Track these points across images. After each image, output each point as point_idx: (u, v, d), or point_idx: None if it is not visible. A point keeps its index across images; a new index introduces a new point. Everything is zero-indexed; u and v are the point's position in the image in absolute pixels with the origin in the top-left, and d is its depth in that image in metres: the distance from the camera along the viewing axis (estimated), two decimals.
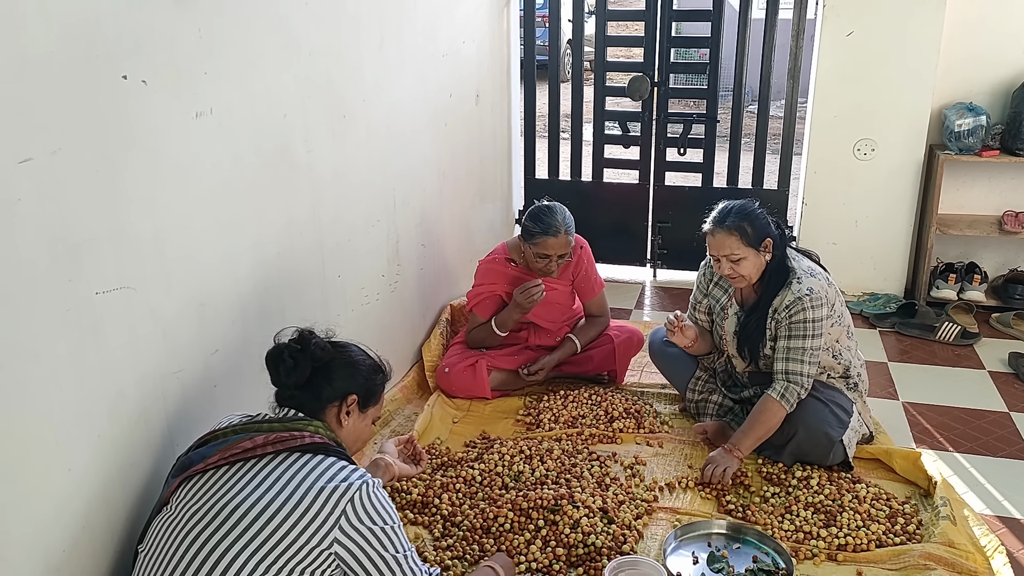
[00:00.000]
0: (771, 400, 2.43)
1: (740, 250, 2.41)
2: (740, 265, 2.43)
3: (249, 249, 2.00)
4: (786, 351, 2.43)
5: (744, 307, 2.58)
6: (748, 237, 2.41)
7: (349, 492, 1.50)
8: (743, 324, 2.55)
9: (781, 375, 2.44)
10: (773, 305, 2.47)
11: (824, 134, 3.95)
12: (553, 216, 2.83)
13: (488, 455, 2.56)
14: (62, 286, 1.41)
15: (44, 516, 1.41)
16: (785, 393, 2.41)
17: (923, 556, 2.06)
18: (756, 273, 2.47)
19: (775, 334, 2.48)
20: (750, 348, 2.54)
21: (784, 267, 2.48)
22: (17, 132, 1.29)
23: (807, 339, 2.41)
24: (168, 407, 1.73)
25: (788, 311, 2.42)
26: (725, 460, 2.42)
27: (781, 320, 2.45)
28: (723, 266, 2.45)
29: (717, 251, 2.45)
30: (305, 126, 2.21)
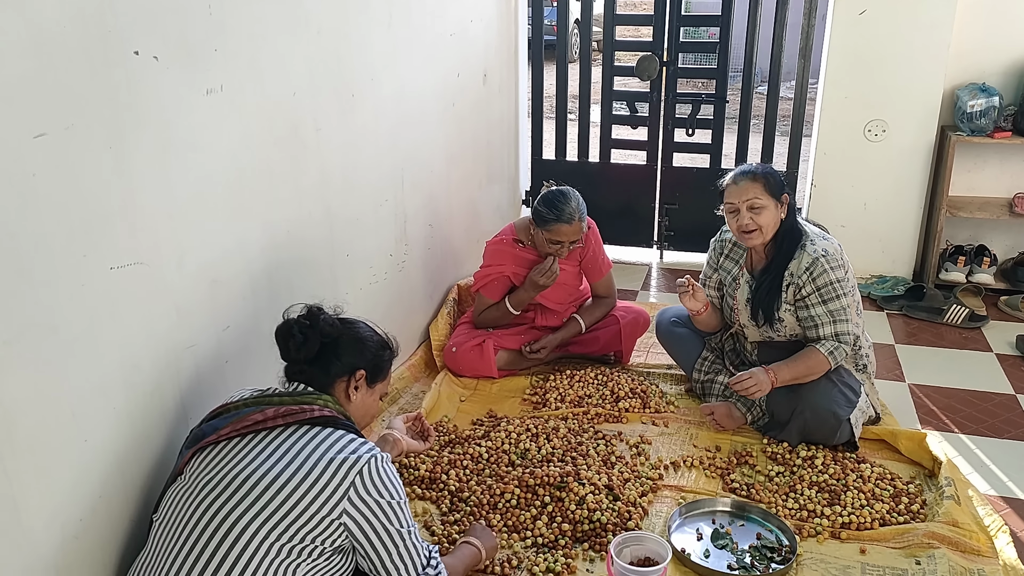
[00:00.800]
0: (819, 353, 2.45)
1: (763, 198, 2.43)
2: (760, 215, 2.44)
3: (259, 226, 2.01)
4: (829, 315, 2.44)
5: (755, 274, 2.59)
6: (771, 186, 2.44)
7: (358, 465, 1.52)
8: (757, 285, 2.56)
9: (831, 337, 2.45)
10: (789, 269, 2.48)
11: (835, 115, 3.93)
12: (567, 203, 2.83)
13: (495, 433, 2.58)
14: (77, 261, 1.43)
15: (62, 486, 1.44)
16: (834, 351, 2.44)
17: (927, 535, 2.08)
18: (772, 228, 2.47)
19: (799, 301, 2.49)
20: (764, 309, 2.53)
21: (796, 231, 2.50)
22: (31, 107, 1.31)
23: (841, 298, 2.43)
24: (181, 381, 1.76)
25: (809, 273, 2.43)
26: (761, 378, 2.44)
27: (803, 284, 2.45)
28: (742, 216, 2.45)
29: (739, 197, 2.45)
30: (314, 104, 2.22)
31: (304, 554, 1.48)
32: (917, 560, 2.03)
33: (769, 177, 2.45)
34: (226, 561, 1.42)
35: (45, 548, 1.41)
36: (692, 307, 2.65)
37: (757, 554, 2.07)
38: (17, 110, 1.28)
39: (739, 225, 2.47)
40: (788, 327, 2.53)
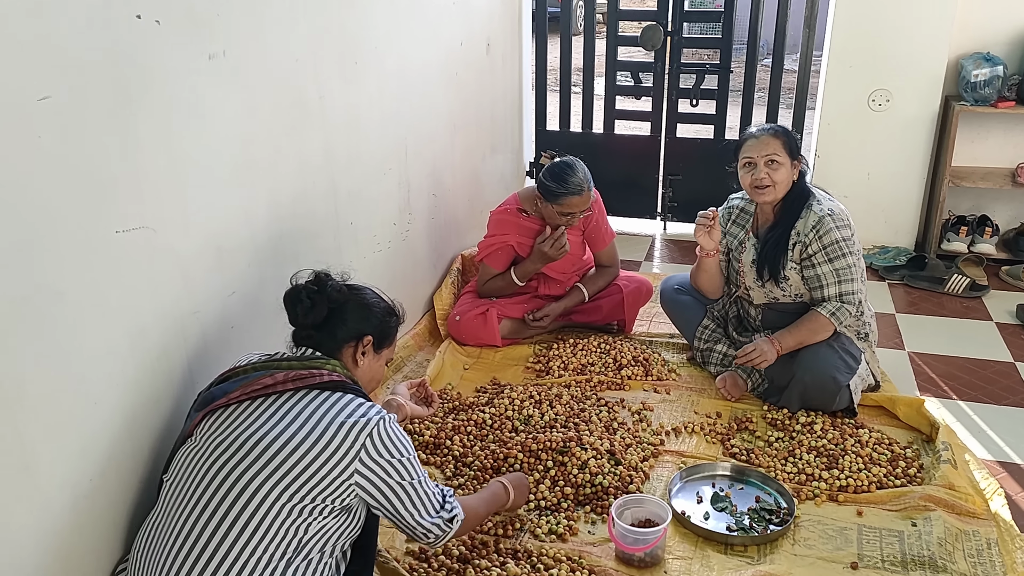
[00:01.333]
0: (821, 315, 2.48)
1: (781, 155, 2.46)
2: (776, 171, 2.46)
3: (264, 193, 2.03)
4: (835, 274, 2.47)
5: (761, 235, 2.62)
6: (789, 146, 2.48)
7: (368, 427, 1.55)
8: (763, 242, 2.58)
9: (834, 298, 2.48)
10: (795, 228, 2.50)
11: (839, 85, 3.91)
12: (575, 174, 2.84)
13: (498, 400, 2.62)
14: (84, 224, 1.44)
15: (72, 448, 1.47)
16: (836, 312, 2.47)
17: (923, 498, 2.11)
18: (784, 187, 2.50)
19: (805, 260, 2.51)
20: (770, 266, 2.55)
21: (804, 192, 2.53)
22: (35, 69, 1.31)
23: (846, 256, 2.46)
24: (188, 346, 1.78)
25: (816, 232, 2.45)
26: (765, 348, 2.48)
27: (810, 243, 2.47)
28: (759, 171, 2.47)
29: (759, 152, 2.47)
30: (317, 72, 2.22)
31: (315, 513, 1.50)
32: (913, 522, 2.06)
33: (789, 136, 2.50)
34: (239, 520, 1.45)
35: (57, 508, 1.44)
36: (706, 245, 2.63)
37: (756, 516, 2.10)
38: (21, 72, 1.28)
39: (754, 179, 2.49)
40: (793, 287, 2.55)
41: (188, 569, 1.42)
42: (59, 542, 1.45)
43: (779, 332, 2.52)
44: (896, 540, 2.01)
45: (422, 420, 2.45)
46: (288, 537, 1.47)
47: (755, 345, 2.50)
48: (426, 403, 2.25)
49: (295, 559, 1.48)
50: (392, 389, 2.19)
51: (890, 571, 1.92)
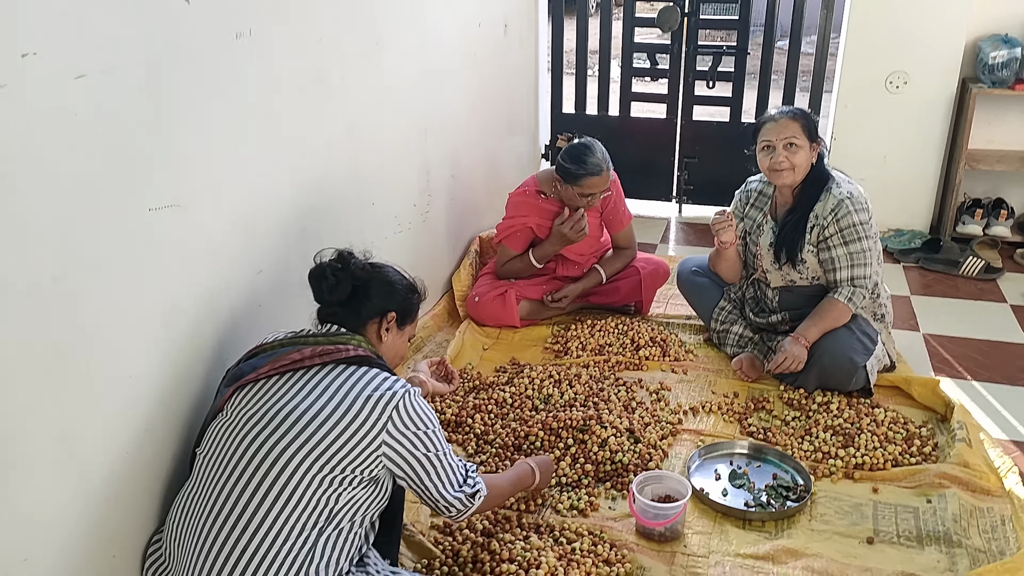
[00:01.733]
0: (838, 301, 2.50)
1: (799, 138, 2.47)
2: (795, 154, 2.48)
3: (288, 173, 2.05)
4: (848, 258, 2.49)
5: (779, 218, 2.63)
6: (808, 129, 2.49)
7: (394, 400, 1.59)
8: (781, 225, 2.60)
9: (847, 282, 2.50)
10: (814, 211, 2.52)
11: (856, 66, 3.90)
12: (593, 154, 2.85)
13: (518, 379, 2.65)
14: (119, 201, 1.47)
15: (110, 419, 1.51)
16: (852, 297, 2.49)
17: (938, 475, 2.13)
18: (803, 170, 2.51)
19: (822, 242, 2.52)
20: (788, 249, 2.57)
21: (823, 175, 2.54)
22: (72, 47, 1.34)
23: (862, 240, 2.47)
24: (218, 322, 1.81)
25: (834, 215, 2.47)
26: (796, 350, 2.49)
27: (827, 225, 2.49)
28: (777, 153, 2.48)
29: (778, 135, 2.48)
30: (340, 52, 2.24)
31: (344, 484, 1.54)
32: (928, 499, 2.09)
33: (808, 119, 2.51)
34: (272, 490, 1.49)
35: (95, 477, 1.48)
36: (726, 239, 2.65)
37: (773, 492, 2.13)
38: (58, 50, 1.31)
39: (772, 162, 2.50)
40: (811, 270, 2.57)
41: (224, 538, 1.47)
42: (97, 512, 1.49)
43: (801, 326, 2.54)
44: (911, 516, 2.04)
45: (443, 397, 2.48)
46: (319, 507, 1.51)
47: (784, 353, 2.52)
48: (447, 380, 2.28)
49: (326, 528, 1.52)
50: (413, 367, 2.23)
51: (905, 546, 1.95)
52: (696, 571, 1.89)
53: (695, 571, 1.89)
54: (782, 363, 2.52)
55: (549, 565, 1.83)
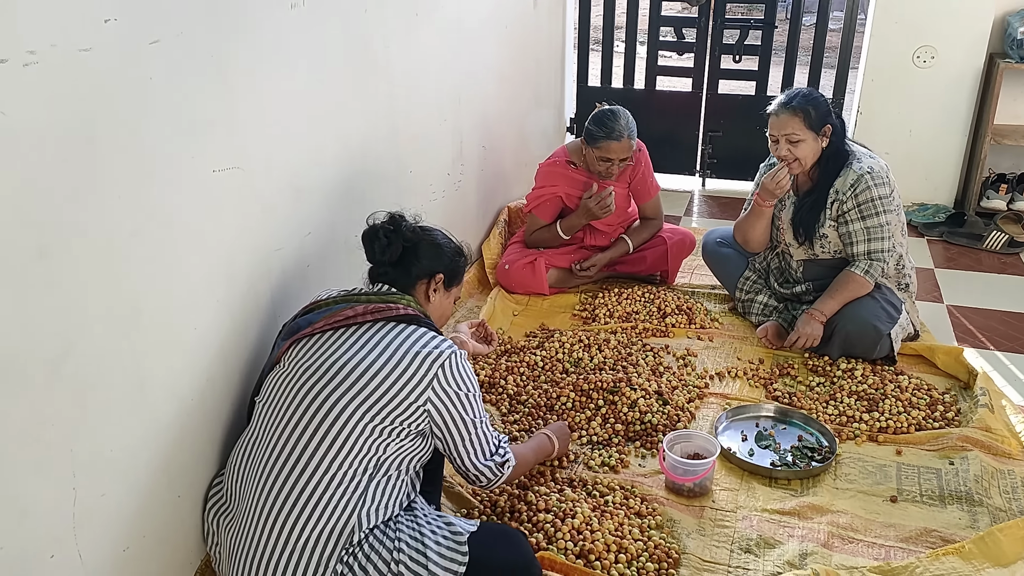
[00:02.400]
0: (855, 274, 2.56)
1: (801, 132, 2.51)
2: (798, 147, 2.52)
3: (334, 139, 2.13)
4: (865, 232, 2.54)
5: (799, 195, 2.68)
6: (810, 120, 2.51)
7: (441, 358, 1.66)
8: (799, 204, 2.65)
9: (863, 256, 2.55)
10: (835, 187, 2.56)
11: (884, 40, 3.92)
12: (616, 120, 2.91)
13: (548, 343, 2.73)
14: (187, 162, 1.55)
15: (176, 367, 1.60)
16: (869, 269, 2.55)
17: (960, 439, 2.20)
18: (811, 158, 2.56)
19: (840, 217, 2.57)
20: (805, 228, 2.63)
21: (842, 152, 2.58)
22: (147, 14, 1.41)
23: (880, 215, 2.52)
24: (271, 280, 1.90)
25: (853, 190, 2.52)
26: (811, 328, 2.56)
27: (846, 200, 2.54)
28: (781, 147, 2.54)
29: (778, 131, 2.53)
30: (383, 21, 2.30)
31: (393, 435, 1.62)
32: (950, 461, 2.16)
33: (810, 110, 2.51)
34: (327, 437, 1.57)
35: (165, 420, 1.57)
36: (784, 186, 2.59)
37: (798, 453, 2.21)
38: (135, 16, 1.38)
39: (778, 155, 2.58)
40: (832, 243, 2.63)
41: (283, 482, 1.56)
42: (165, 453, 1.58)
43: (818, 301, 2.61)
44: (934, 477, 2.11)
45: (484, 357, 2.56)
46: (369, 454, 1.59)
47: (797, 332, 2.59)
48: (486, 341, 2.36)
49: (376, 474, 1.60)
50: (453, 328, 2.31)
51: (928, 505, 2.02)
52: (724, 524, 1.97)
53: (723, 524, 1.97)
54: (795, 342, 2.59)
55: (584, 515, 1.92)
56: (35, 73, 1.18)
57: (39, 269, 1.22)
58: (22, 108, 1.17)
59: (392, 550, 1.54)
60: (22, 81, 1.16)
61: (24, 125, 1.18)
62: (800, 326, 2.59)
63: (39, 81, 1.19)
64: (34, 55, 1.18)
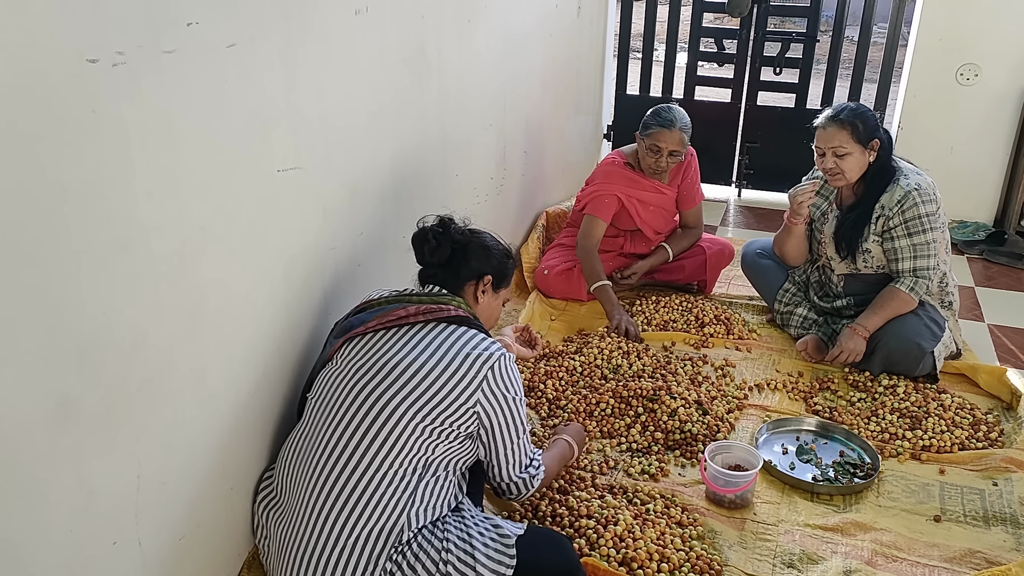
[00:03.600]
0: (900, 291, 2.55)
1: (848, 145, 2.51)
2: (844, 160, 2.52)
3: (389, 141, 2.16)
4: (912, 249, 2.53)
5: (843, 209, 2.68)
6: (858, 134, 2.51)
7: (491, 360, 1.68)
8: (842, 219, 2.65)
9: (909, 273, 2.55)
10: (880, 202, 2.56)
11: (927, 57, 3.90)
12: (672, 112, 2.97)
13: (587, 349, 2.74)
14: (255, 161, 1.59)
15: (236, 359, 1.63)
16: (915, 287, 2.54)
17: (1004, 460, 2.19)
18: (857, 172, 2.55)
19: (885, 232, 2.57)
20: (847, 242, 2.63)
21: (888, 168, 2.58)
22: (226, 18, 1.45)
23: (927, 232, 2.52)
24: (324, 278, 1.93)
25: (900, 206, 2.51)
26: (854, 344, 2.56)
27: (892, 216, 2.53)
28: (827, 160, 2.54)
29: (825, 143, 2.53)
30: (438, 27, 2.34)
31: (442, 436, 1.64)
32: (994, 482, 2.15)
33: (858, 124, 2.51)
34: (377, 438, 1.60)
35: (223, 412, 1.61)
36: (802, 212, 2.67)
37: (840, 469, 2.20)
38: (215, 20, 1.42)
39: (824, 168, 2.57)
40: (875, 259, 2.62)
41: (335, 479, 1.58)
42: (221, 443, 1.62)
43: (862, 316, 2.60)
44: (978, 497, 2.10)
45: (527, 360, 2.58)
46: (419, 454, 1.61)
47: (840, 347, 2.59)
48: (530, 346, 2.37)
49: (425, 475, 1.62)
50: (499, 331, 2.33)
51: (972, 525, 2.01)
52: (766, 538, 1.97)
53: (765, 538, 1.97)
54: (838, 356, 2.58)
55: (626, 523, 1.93)
56: (122, 72, 1.22)
57: (121, 261, 1.26)
58: (110, 107, 1.20)
59: (440, 550, 1.56)
60: (110, 80, 1.20)
61: (112, 124, 1.21)
62: (843, 340, 2.59)
63: (126, 80, 1.23)
64: (122, 55, 1.22)
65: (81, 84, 1.15)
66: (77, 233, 1.17)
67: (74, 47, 1.13)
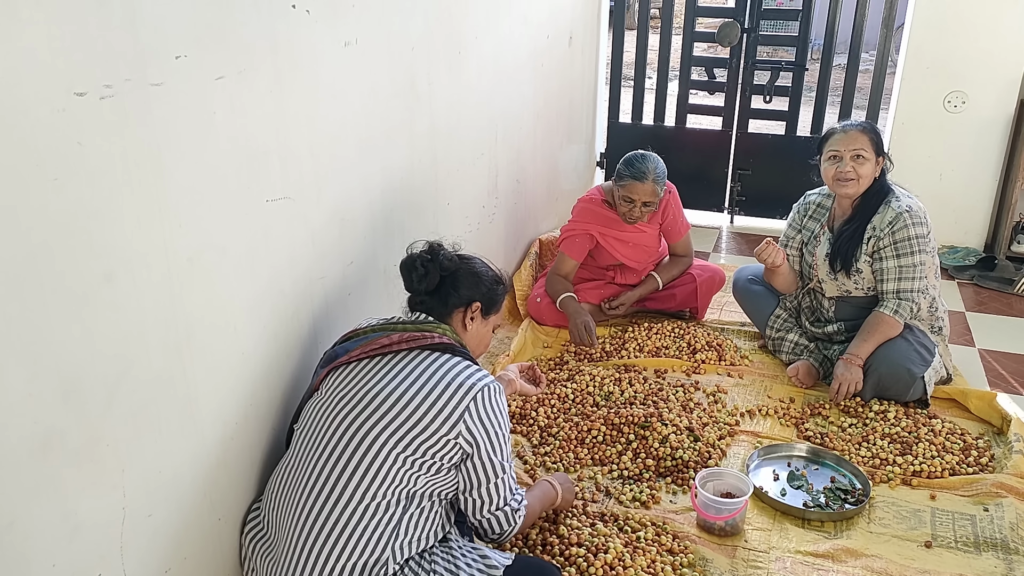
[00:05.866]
0: (885, 315, 2.57)
1: (867, 151, 2.56)
2: (861, 166, 2.56)
3: (379, 171, 2.18)
4: (897, 271, 2.56)
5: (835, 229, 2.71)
6: (876, 143, 2.58)
7: (474, 391, 1.67)
8: (838, 235, 2.67)
9: (892, 294, 2.57)
10: (872, 223, 2.59)
11: (915, 85, 3.95)
12: (645, 163, 2.95)
13: (579, 376, 2.74)
14: (243, 192, 1.60)
15: (223, 391, 1.63)
16: (898, 309, 2.56)
17: (995, 485, 2.18)
18: (867, 182, 2.59)
19: (875, 253, 2.60)
20: (843, 258, 2.65)
21: (885, 187, 2.62)
22: (213, 51, 1.47)
23: (915, 255, 2.54)
24: (314, 308, 1.94)
25: (891, 227, 2.54)
26: (850, 374, 2.57)
27: (883, 237, 2.56)
28: (844, 163, 2.57)
29: (846, 146, 2.56)
30: (428, 59, 2.37)
31: (424, 468, 1.63)
32: (985, 507, 2.14)
33: (876, 134, 2.59)
34: (359, 469, 1.59)
35: (210, 442, 1.61)
36: (777, 260, 2.73)
37: (831, 495, 2.20)
38: (203, 53, 1.44)
39: (839, 172, 2.58)
40: (866, 280, 2.64)
41: (318, 512, 1.57)
42: (208, 476, 1.61)
43: (852, 345, 2.61)
44: (969, 523, 2.10)
45: (530, 397, 2.55)
46: (402, 485, 1.60)
47: (838, 379, 2.59)
48: (534, 383, 2.36)
49: (409, 507, 1.61)
50: (504, 368, 2.31)
51: (963, 551, 2.01)
52: (757, 565, 1.96)
53: (756, 565, 1.96)
54: (839, 389, 2.58)
55: (616, 551, 1.92)
56: (110, 105, 1.24)
57: (105, 293, 1.27)
58: (97, 138, 1.22)
59: None
60: (98, 113, 1.22)
61: (98, 155, 1.23)
62: (839, 373, 2.59)
63: (113, 113, 1.25)
64: (110, 88, 1.24)
65: (68, 117, 1.16)
66: (61, 265, 1.18)
67: (61, 80, 1.15)
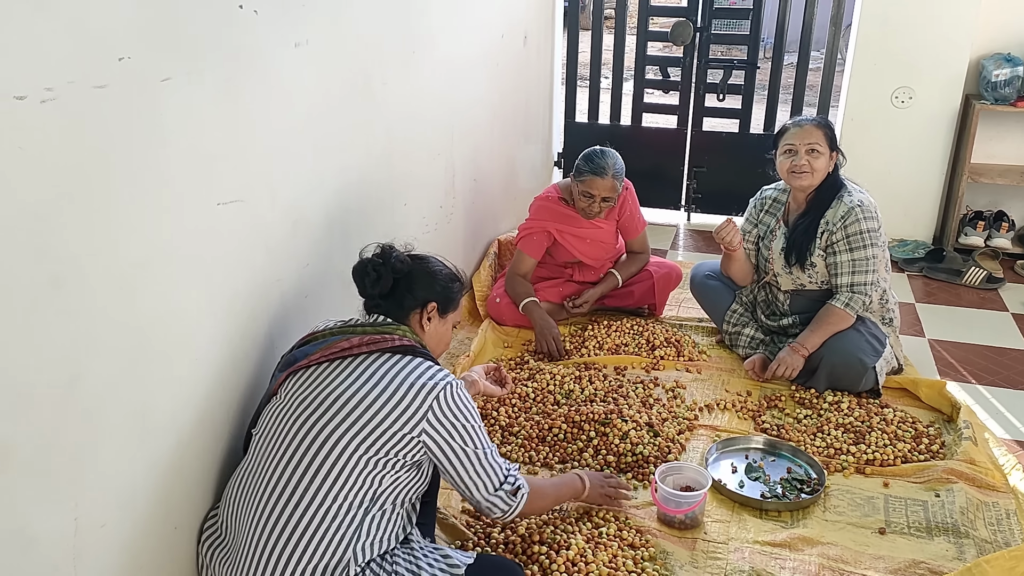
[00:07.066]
0: (836, 308, 2.63)
1: (822, 145, 2.62)
2: (816, 160, 2.62)
3: (335, 173, 2.16)
4: (850, 264, 2.62)
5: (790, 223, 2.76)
6: (830, 138, 2.64)
7: (435, 390, 1.67)
8: (792, 228, 2.73)
9: (845, 288, 2.63)
10: (826, 218, 2.65)
11: (863, 82, 4.03)
12: (604, 159, 2.97)
13: (540, 375, 2.75)
14: (194, 195, 1.58)
15: (177, 397, 1.60)
16: (850, 302, 2.61)
17: (946, 471, 2.24)
18: (821, 175, 2.65)
19: (829, 247, 2.65)
20: (798, 252, 2.70)
21: (838, 182, 2.69)
22: (159, 52, 1.45)
23: (866, 248, 2.60)
24: (270, 311, 1.92)
25: (843, 222, 2.60)
26: (791, 359, 2.63)
27: (835, 231, 2.62)
28: (799, 157, 2.62)
29: (801, 140, 2.62)
30: (382, 60, 2.36)
31: (387, 466, 1.63)
32: (936, 493, 2.20)
33: (829, 130, 2.66)
34: (321, 470, 1.58)
35: (164, 449, 1.58)
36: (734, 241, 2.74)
37: (788, 485, 2.24)
38: (148, 54, 1.41)
39: (794, 165, 2.63)
40: (819, 273, 2.70)
41: (277, 517, 1.56)
42: (163, 484, 1.58)
43: (802, 335, 2.68)
44: (921, 509, 2.15)
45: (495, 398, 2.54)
46: (364, 487, 1.60)
47: (778, 360, 2.65)
48: (500, 384, 2.35)
49: (371, 508, 1.61)
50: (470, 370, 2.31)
51: (916, 536, 2.06)
52: (716, 556, 1.99)
53: (716, 556, 1.99)
54: (775, 370, 2.65)
55: (578, 547, 1.93)
56: (52, 109, 1.21)
57: (53, 298, 1.24)
58: (39, 143, 1.19)
59: None
60: (39, 117, 1.19)
61: (41, 159, 1.20)
62: (781, 355, 2.66)
63: (56, 117, 1.22)
64: (51, 91, 1.21)
65: (8, 122, 1.14)
66: (4, 271, 1.15)
67: (1, 84, 1.12)
